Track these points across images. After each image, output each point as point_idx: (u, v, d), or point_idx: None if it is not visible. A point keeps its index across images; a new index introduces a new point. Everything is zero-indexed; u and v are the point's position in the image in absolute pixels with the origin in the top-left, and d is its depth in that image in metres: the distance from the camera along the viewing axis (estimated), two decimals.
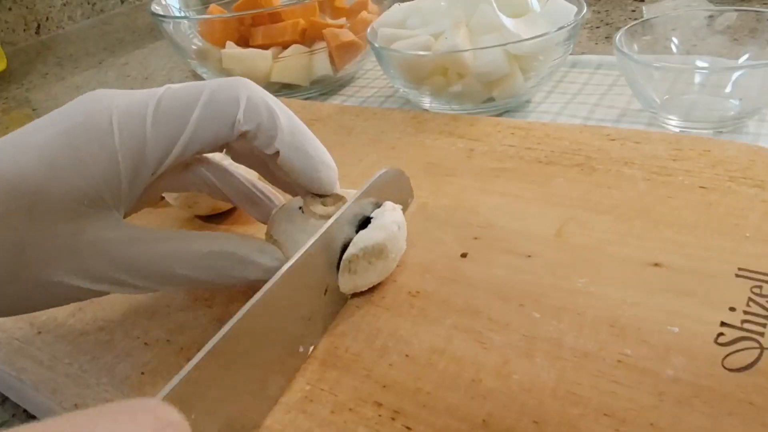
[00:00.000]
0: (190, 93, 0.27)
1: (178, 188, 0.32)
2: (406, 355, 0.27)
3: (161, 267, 0.26)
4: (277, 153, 0.29)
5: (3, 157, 0.24)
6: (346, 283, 0.30)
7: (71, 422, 0.14)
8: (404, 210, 0.34)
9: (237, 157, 0.32)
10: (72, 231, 0.25)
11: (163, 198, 0.39)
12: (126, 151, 0.26)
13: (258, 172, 0.33)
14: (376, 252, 0.29)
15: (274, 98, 0.29)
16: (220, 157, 0.33)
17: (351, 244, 0.29)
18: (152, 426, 0.15)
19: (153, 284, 0.27)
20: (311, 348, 0.28)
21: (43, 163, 0.24)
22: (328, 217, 0.30)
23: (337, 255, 0.30)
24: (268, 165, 0.32)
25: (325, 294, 0.29)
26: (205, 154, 0.31)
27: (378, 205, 0.32)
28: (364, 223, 0.31)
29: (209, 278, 0.28)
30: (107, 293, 0.26)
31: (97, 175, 0.25)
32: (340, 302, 0.31)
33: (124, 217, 0.27)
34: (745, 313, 0.26)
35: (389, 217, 0.31)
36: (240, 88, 0.27)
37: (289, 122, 0.29)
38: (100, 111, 0.26)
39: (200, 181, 0.31)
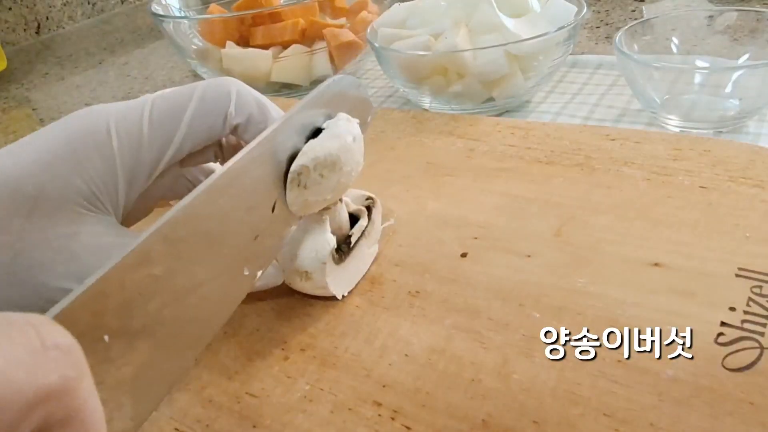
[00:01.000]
0: (182, 93, 0.28)
1: (171, 195, 0.32)
2: (406, 355, 0.27)
3: None
4: None
5: (4, 162, 0.25)
6: (296, 198, 0.27)
7: None
8: (362, 126, 0.31)
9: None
10: (69, 234, 0.25)
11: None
12: (124, 154, 0.26)
13: None
14: (329, 164, 0.27)
15: (264, 97, 0.30)
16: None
17: (300, 154, 0.27)
18: (31, 346, 0.13)
19: None
20: (258, 273, 0.26)
21: (42, 166, 0.25)
22: None
23: (284, 167, 0.27)
24: None
25: (273, 211, 0.26)
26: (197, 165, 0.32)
27: (330, 117, 0.30)
28: (315, 134, 0.29)
29: None
30: None
31: (96, 178, 0.26)
32: (290, 222, 0.28)
33: (122, 224, 0.28)
34: (745, 313, 0.26)
35: (343, 127, 0.29)
36: (230, 85, 0.29)
37: (279, 114, 0.30)
38: (97, 118, 0.27)
39: (192, 186, 0.32)
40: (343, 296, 0.31)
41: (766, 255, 0.29)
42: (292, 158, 0.27)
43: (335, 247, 0.30)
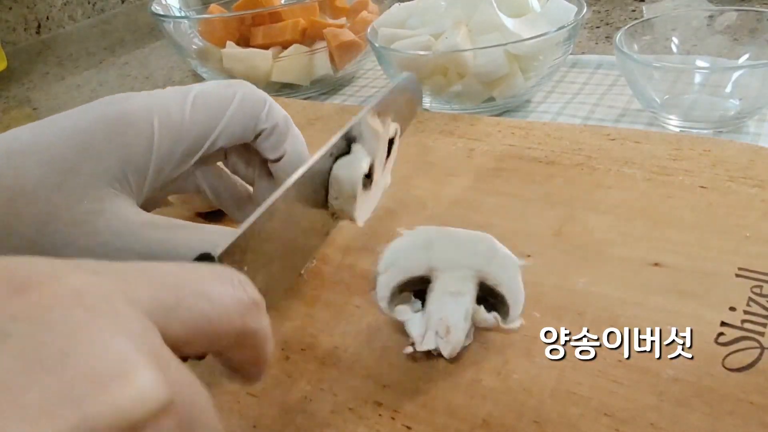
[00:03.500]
0: (225, 91, 0.29)
1: (183, 188, 0.33)
2: (406, 355, 0.27)
3: (178, 253, 0.27)
4: (279, 157, 0.31)
5: (41, 131, 0.26)
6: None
7: (161, 269, 0.16)
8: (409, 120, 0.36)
9: (233, 169, 0.34)
10: (95, 211, 0.25)
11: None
12: (162, 142, 0.27)
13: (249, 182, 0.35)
14: (349, 195, 0.30)
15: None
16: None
17: (330, 187, 0.30)
18: (239, 297, 0.17)
19: None
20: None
21: (78, 142, 0.25)
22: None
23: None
24: (256, 175, 0.34)
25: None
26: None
27: (355, 137, 0.32)
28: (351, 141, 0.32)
29: None
30: None
31: (130, 161, 0.26)
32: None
33: None
34: (746, 312, 0.26)
35: (360, 155, 0.31)
36: (265, 94, 0.31)
37: (296, 131, 0.32)
38: (139, 104, 0.27)
39: (202, 181, 0.33)
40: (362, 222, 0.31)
41: (766, 255, 0.29)
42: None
43: (366, 172, 0.30)
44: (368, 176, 0.31)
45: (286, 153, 0.31)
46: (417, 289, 0.27)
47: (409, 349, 0.26)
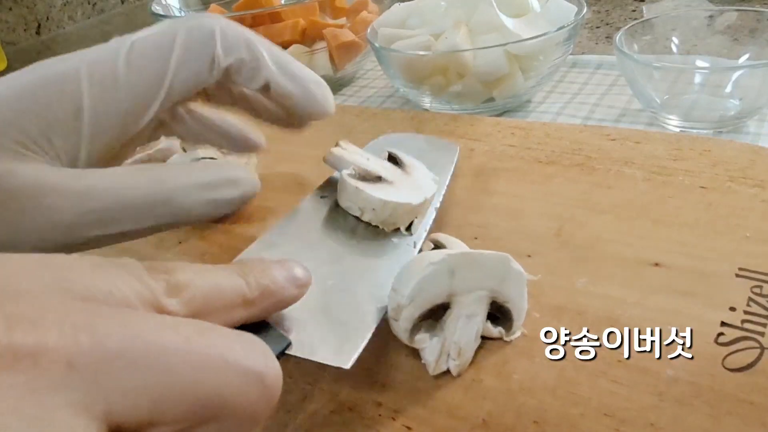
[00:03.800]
0: (164, 34, 0.26)
1: (154, 138, 0.30)
2: (406, 355, 0.27)
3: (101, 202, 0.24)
4: (265, 86, 0.28)
5: None
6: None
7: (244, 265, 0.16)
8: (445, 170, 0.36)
9: (217, 104, 0.31)
10: (6, 170, 0.23)
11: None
12: (94, 99, 0.24)
13: (241, 113, 0.32)
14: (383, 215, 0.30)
15: (251, 31, 0.28)
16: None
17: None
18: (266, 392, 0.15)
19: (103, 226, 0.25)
20: None
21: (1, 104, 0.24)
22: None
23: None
24: (251, 102, 0.31)
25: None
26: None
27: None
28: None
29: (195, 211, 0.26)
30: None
31: (53, 122, 0.24)
32: None
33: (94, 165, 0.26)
34: (746, 312, 0.26)
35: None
36: (213, 24, 0.26)
37: (270, 50, 0.28)
38: (68, 64, 0.25)
39: (177, 129, 0.30)
40: None
41: (766, 255, 0.29)
42: None
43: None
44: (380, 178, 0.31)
45: (270, 81, 0.28)
46: (436, 317, 0.26)
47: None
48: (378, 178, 0.31)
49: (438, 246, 0.29)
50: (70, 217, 0.24)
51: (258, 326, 0.19)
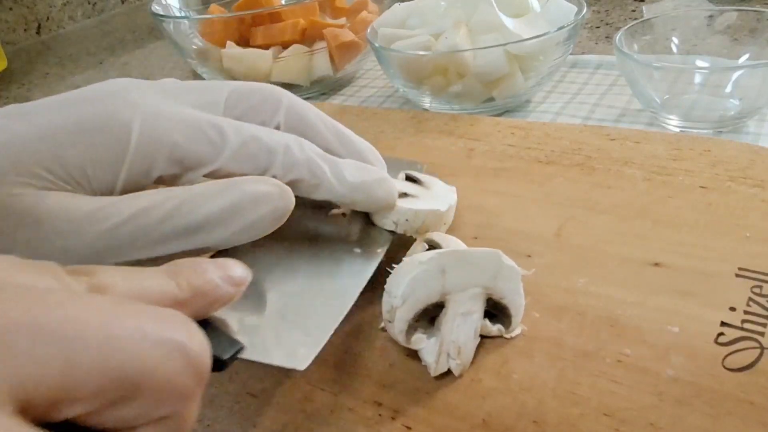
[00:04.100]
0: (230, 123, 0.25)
1: None
2: (406, 355, 0.27)
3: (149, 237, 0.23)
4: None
5: (17, 126, 0.23)
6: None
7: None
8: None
9: None
10: (34, 196, 0.22)
11: None
12: (139, 150, 0.24)
13: None
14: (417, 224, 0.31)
15: (317, 112, 0.28)
16: None
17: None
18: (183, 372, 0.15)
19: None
20: None
21: (42, 139, 0.23)
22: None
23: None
24: None
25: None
26: None
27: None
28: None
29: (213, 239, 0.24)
30: None
31: (97, 160, 0.23)
32: None
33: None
34: (746, 312, 0.26)
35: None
36: (288, 139, 0.26)
37: (338, 171, 0.27)
38: (123, 107, 0.24)
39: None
40: None
41: (766, 255, 0.29)
42: None
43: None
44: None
45: (332, 198, 0.28)
46: (431, 316, 0.26)
47: (382, 324, 0.26)
48: (404, 195, 0.32)
49: (433, 246, 0.29)
50: (83, 248, 0.23)
51: (208, 330, 0.18)
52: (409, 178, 0.35)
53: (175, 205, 0.23)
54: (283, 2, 0.63)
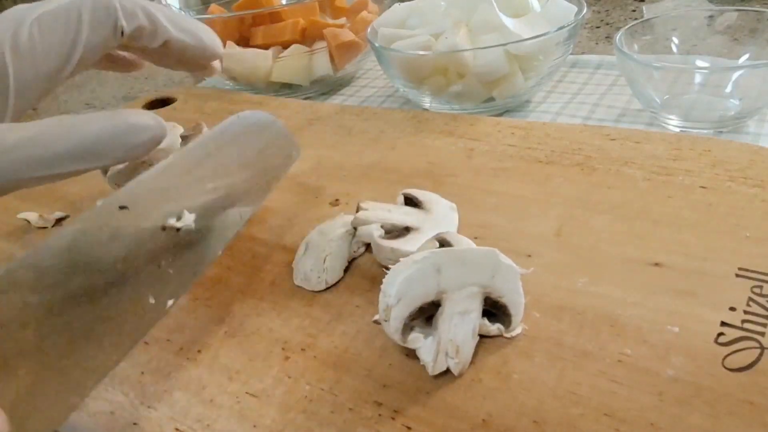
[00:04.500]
0: (70, 10, 0.29)
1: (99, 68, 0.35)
2: (406, 355, 0.27)
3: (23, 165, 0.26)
4: (165, 43, 0.32)
5: None
6: None
7: None
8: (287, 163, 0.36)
9: (135, 53, 0.35)
10: None
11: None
12: (18, 67, 0.28)
13: (152, 61, 0.36)
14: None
15: (148, 3, 0.32)
16: None
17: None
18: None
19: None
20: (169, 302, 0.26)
21: None
22: None
23: None
24: (155, 55, 0.35)
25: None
26: None
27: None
28: None
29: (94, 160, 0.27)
30: None
31: None
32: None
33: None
34: (746, 312, 0.26)
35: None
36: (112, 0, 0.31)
37: (165, 12, 0.33)
38: None
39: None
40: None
41: (766, 255, 0.29)
42: None
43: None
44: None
45: (168, 39, 0.32)
46: (427, 315, 0.26)
47: (376, 317, 0.26)
48: (406, 230, 0.32)
49: (444, 244, 0.29)
50: None
51: None
52: (408, 199, 0.34)
53: (67, 127, 0.27)
54: (283, 2, 0.63)
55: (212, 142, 0.31)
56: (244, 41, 0.60)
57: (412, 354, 0.27)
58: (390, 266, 0.27)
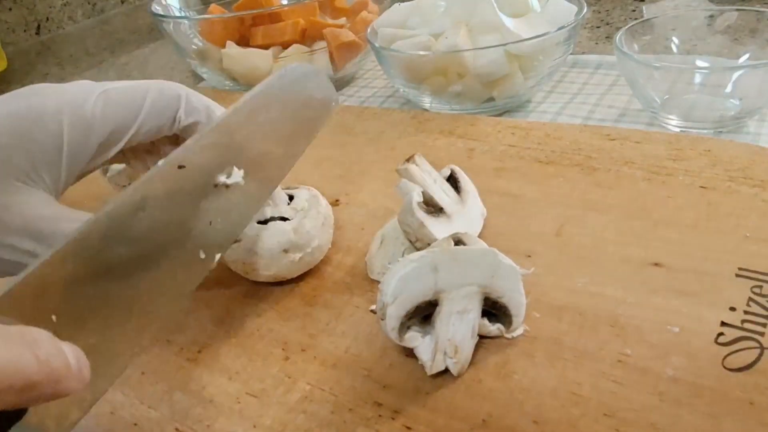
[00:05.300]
0: (138, 89, 0.29)
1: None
2: (406, 355, 0.27)
3: None
4: None
5: None
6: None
7: None
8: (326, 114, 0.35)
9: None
10: (3, 205, 0.25)
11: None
12: (73, 136, 0.27)
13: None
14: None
15: (211, 100, 0.32)
16: None
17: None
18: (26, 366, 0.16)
19: None
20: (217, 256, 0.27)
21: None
22: None
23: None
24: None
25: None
26: None
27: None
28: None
29: None
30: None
31: (41, 157, 0.26)
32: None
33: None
34: (746, 312, 0.26)
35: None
36: (179, 89, 0.31)
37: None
38: (48, 100, 0.27)
39: (131, 160, 0.34)
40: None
41: (766, 255, 0.29)
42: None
43: None
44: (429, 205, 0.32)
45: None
46: (425, 314, 0.26)
47: (373, 306, 0.26)
48: (440, 210, 0.32)
49: (458, 243, 0.29)
50: (33, 246, 0.26)
51: None
52: (452, 179, 0.34)
53: None
54: (283, 2, 0.63)
55: (261, 98, 0.31)
56: (244, 41, 0.60)
57: (412, 354, 0.27)
58: (406, 237, 0.28)
